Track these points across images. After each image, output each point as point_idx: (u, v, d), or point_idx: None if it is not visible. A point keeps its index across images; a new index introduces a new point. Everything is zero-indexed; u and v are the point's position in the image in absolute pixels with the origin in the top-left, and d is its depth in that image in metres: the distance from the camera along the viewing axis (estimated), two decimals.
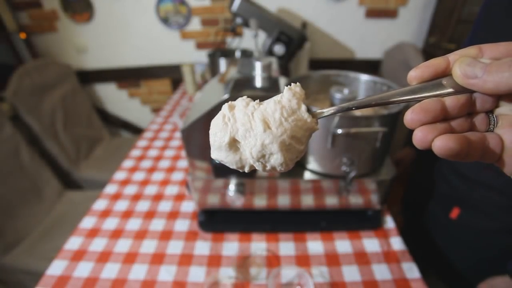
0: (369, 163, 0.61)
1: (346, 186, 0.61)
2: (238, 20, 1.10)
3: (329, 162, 0.60)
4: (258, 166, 0.24)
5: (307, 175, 0.63)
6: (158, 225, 0.72)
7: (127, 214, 0.76)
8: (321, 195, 0.65)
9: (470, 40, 0.69)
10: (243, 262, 0.62)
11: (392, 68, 1.54)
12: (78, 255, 0.65)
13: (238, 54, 1.30)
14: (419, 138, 0.20)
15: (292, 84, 0.24)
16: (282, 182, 0.62)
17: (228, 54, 1.31)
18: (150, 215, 0.75)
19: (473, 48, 0.20)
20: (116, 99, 1.94)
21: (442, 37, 1.45)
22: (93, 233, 0.70)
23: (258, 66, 0.53)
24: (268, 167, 0.24)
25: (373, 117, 0.52)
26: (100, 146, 1.69)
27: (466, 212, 0.71)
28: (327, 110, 0.24)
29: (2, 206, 1.04)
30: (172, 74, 1.81)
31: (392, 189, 0.66)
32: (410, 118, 0.20)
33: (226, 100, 0.50)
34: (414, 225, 0.90)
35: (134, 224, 0.73)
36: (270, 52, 1.08)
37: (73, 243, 0.68)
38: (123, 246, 0.67)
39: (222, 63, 1.14)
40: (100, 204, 0.80)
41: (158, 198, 0.81)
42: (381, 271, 0.59)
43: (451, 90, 0.20)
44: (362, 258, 0.62)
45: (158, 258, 0.63)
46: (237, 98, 0.25)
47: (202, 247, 0.66)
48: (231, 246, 0.66)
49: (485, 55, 0.19)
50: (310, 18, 1.60)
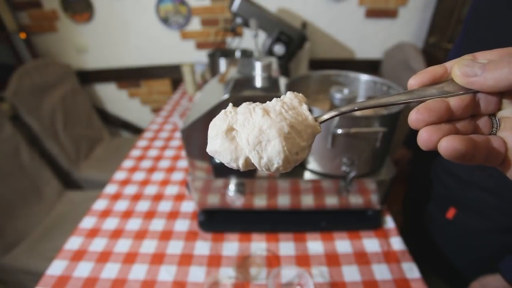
0: (369, 163, 0.61)
1: (346, 186, 0.61)
2: (238, 20, 1.10)
3: (329, 162, 0.60)
4: (254, 157, 0.22)
5: (307, 175, 0.63)
6: (158, 225, 0.72)
7: (127, 214, 0.76)
8: (321, 195, 0.65)
9: (461, 39, 0.69)
10: (243, 262, 0.62)
11: (392, 68, 1.54)
12: (78, 255, 0.65)
13: (238, 54, 1.30)
14: (424, 138, 0.19)
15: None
16: (282, 182, 0.62)
17: (228, 54, 1.31)
18: (150, 215, 0.75)
19: (467, 56, 0.20)
20: (116, 99, 1.94)
21: (442, 37, 1.45)
22: (93, 233, 0.70)
23: (258, 66, 0.53)
24: (264, 159, 0.22)
25: (373, 117, 0.52)
26: (100, 146, 1.69)
27: (462, 212, 0.71)
28: (328, 114, 0.24)
29: (2, 206, 1.04)
30: (172, 74, 1.81)
31: (392, 189, 0.66)
32: (415, 118, 0.19)
33: (226, 100, 0.50)
34: (414, 225, 0.90)
35: (134, 224, 0.73)
36: (270, 52, 1.08)
37: (73, 243, 0.68)
38: (123, 246, 0.67)
39: (222, 63, 1.14)
40: (100, 204, 0.80)
41: (158, 198, 0.81)
42: (381, 271, 0.59)
43: (453, 91, 0.20)
44: (362, 258, 0.62)
45: (158, 258, 0.63)
46: (237, 98, 0.25)
47: (202, 247, 0.66)
48: (231, 246, 0.66)
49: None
50: (310, 18, 1.60)
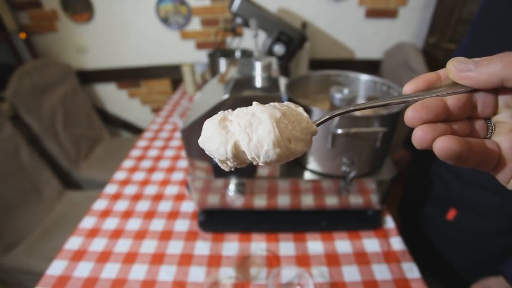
0: (369, 163, 0.61)
1: (346, 186, 0.61)
2: (238, 20, 1.10)
3: (329, 162, 0.60)
4: (244, 139, 0.22)
5: (307, 175, 0.63)
6: (158, 225, 0.72)
7: (127, 214, 0.76)
8: (321, 195, 0.65)
9: (468, 40, 0.69)
10: (243, 262, 0.62)
11: (392, 68, 1.54)
12: (78, 255, 0.65)
13: (238, 54, 1.30)
14: (419, 137, 0.19)
15: None
16: (282, 182, 0.62)
17: (228, 54, 1.30)
18: (150, 215, 0.75)
19: (459, 57, 0.20)
20: (116, 99, 1.94)
21: (442, 37, 1.45)
22: (93, 233, 0.70)
23: (258, 66, 0.53)
24: (254, 141, 0.21)
25: (373, 117, 0.52)
26: (100, 146, 1.69)
27: (463, 213, 0.71)
28: (324, 116, 0.24)
29: (2, 206, 1.04)
30: (172, 74, 1.81)
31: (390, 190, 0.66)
32: (411, 115, 0.19)
33: (226, 100, 0.50)
34: (411, 226, 0.90)
35: (134, 224, 0.73)
36: (270, 52, 1.08)
37: (73, 243, 0.68)
38: (123, 246, 0.67)
39: (222, 63, 1.14)
40: (100, 204, 0.80)
41: (158, 198, 0.81)
42: (381, 271, 0.59)
43: (449, 90, 0.20)
44: (362, 258, 0.62)
45: (158, 258, 0.63)
46: (237, 98, 0.25)
47: (202, 247, 0.66)
48: (231, 246, 0.66)
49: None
50: (310, 18, 1.60)
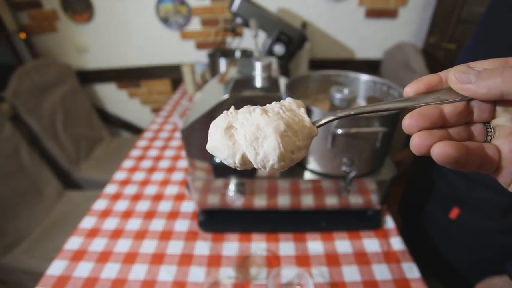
0: (369, 163, 0.61)
1: (346, 186, 0.61)
2: (238, 20, 1.10)
3: (329, 162, 0.60)
4: (251, 153, 0.23)
5: (307, 175, 0.63)
6: (158, 225, 0.72)
7: (127, 214, 0.76)
8: (321, 195, 0.65)
9: (474, 40, 0.68)
10: (243, 262, 0.62)
11: (392, 68, 1.54)
12: (78, 255, 0.65)
13: (238, 54, 1.30)
14: (417, 143, 0.20)
15: None
16: (282, 182, 0.62)
17: (228, 54, 1.30)
18: (150, 215, 0.75)
19: (463, 65, 0.20)
20: (116, 99, 1.94)
21: (442, 37, 1.45)
22: (93, 233, 0.70)
23: (258, 66, 0.53)
24: (260, 155, 0.23)
25: (373, 117, 0.52)
26: (100, 146, 1.69)
27: (466, 212, 0.71)
28: (325, 118, 0.24)
29: (2, 206, 1.04)
30: (172, 74, 1.81)
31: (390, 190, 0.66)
32: (408, 123, 0.20)
33: (226, 100, 0.50)
34: (412, 226, 0.90)
35: (134, 224, 0.73)
36: (270, 52, 1.08)
37: (73, 243, 0.68)
38: (123, 246, 0.67)
39: (222, 63, 1.14)
40: (100, 204, 0.80)
41: (158, 198, 0.81)
42: (381, 271, 0.59)
43: (448, 99, 0.20)
44: (362, 258, 0.62)
45: (158, 258, 0.63)
46: (237, 98, 0.25)
47: (202, 247, 0.66)
48: (231, 246, 0.66)
49: None
50: (310, 18, 1.60)
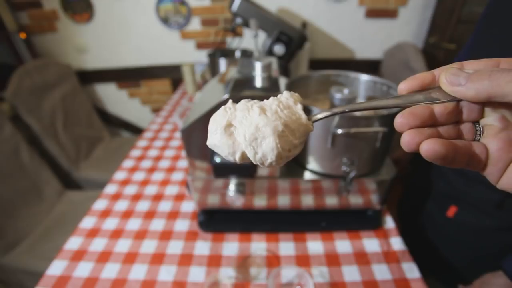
0: (369, 163, 0.61)
1: (346, 186, 0.61)
2: (238, 20, 1.10)
3: (329, 162, 0.60)
4: (250, 152, 0.24)
5: (307, 175, 0.63)
6: (158, 225, 0.72)
7: (127, 214, 0.76)
8: (321, 195, 0.65)
9: (472, 41, 0.69)
10: (243, 262, 0.62)
11: (392, 68, 1.54)
12: (78, 255, 0.65)
13: (238, 54, 1.30)
14: (407, 141, 0.21)
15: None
16: (282, 182, 0.62)
17: (228, 54, 1.30)
18: (150, 215, 0.75)
19: (455, 64, 0.21)
20: (116, 99, 1.94)
21: (442, 37, 1.45)
22: (93, 233, 0.70)
23: (258, 66, 0.53)
24: (259, 154, 0.24)
25: (373, 117, 0.52)
26: (100, 146, 1.69)
27: (463, 210, 0.71)
28: (321, 114, 0.25)
29: (2, 206, 1.04)
30: (172, 74, 1.81)
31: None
32: (399, 121, 0.21)
33: (226, 100, 0.49)
34: (410, 225, 0.90)
35: (134, 224, 0.73)
36: (270, 52, 1.08)
37: (73, 243, 0.68)
38: (123, 246, 0.67)
39: (222, 63, 1.14)
40: (100, 204, 0.80)
41: (158, 198, 0.81)
42: (381, 271, 0.59)
43: (439, 98, 0.21)
44: (362, 258, 0.62)
45: (158, 258, 0.63)
46: (237, 98, 0.25)
47: (202, 247, 0.66)
48: (231, 246, 0.66)
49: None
50: (310, 18, 1.60)
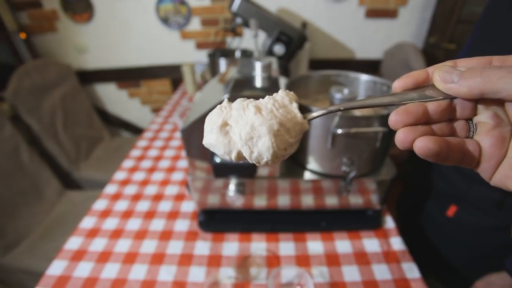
0: (369, 163, 0.61)
1: (346, 186, 0.61)
2: (238, 20, 1.10)
3: (329, 162, 0.60)
4: (246, 151, 0.24)
5: (307, 175, 0.63)
6: (158, 225, 0.72)
7: (127, 214, 0.76)
8: (321, 195, 0.65)
9: (472, 41, 0.69)
10: (243, 262, 0.62)
11: (392, 68, 1.54)
12: (78, 255, 0.65)
13: (238, 54, 1.30)
14: (401, 138, 0.21)
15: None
16: (282, 182, 0.62)
17: (228, 54, 1.30)
18: (150, 215, 0.75)
19: (449, 62, 0.22)
20: (116, 99, 1.94)
21: (442, 37, 1.45)
22: (93, 233, 0.70)
23: (258, 66, 0.53)
24: (255, 153, 0.24)
25: (373, 117, 0.52)
26: (100, 146, 1.69)
27: (463, 209, 0.71)
28: (316, 112, 0.25)
29: (2, 206, 1.04)
30: (172, 74, 1.81)
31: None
32: (393, 119, 0.21)
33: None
34: (409, 225, 0.90)
35: (134, 224, 0.73)
36: (270, 52, 1.08)
37: (73, 243, 0.68)
38: (123, 246, 0.67)
39: (222, 63, 1.14)
40: (100, 204, 0.80)
41: (158, 198, 0.81)
42: (381, 271, 0.59)
43: (433, 96, 0.22)
44: (362, 258, 0.62)
45: (158, 258, 0.63)
46: (237, 98, 0.25)
47: (202, 247, 0.66)
48: (231, 246, 0.66)
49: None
50: (310, 18, 1.60)
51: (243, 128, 0.24)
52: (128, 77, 1.84)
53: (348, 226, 0.69)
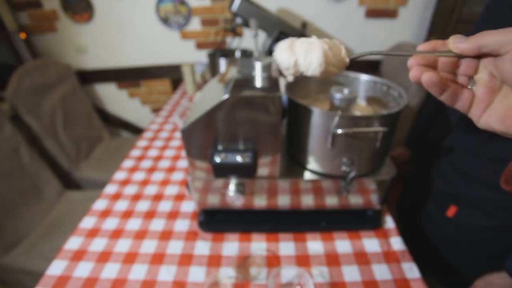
0: (369, 163, 0.61)
1: (346, 186, 0.60)
2: (238, 20, 1.10)
3: (329, 162, 0.60)
4: (301, 58, 0.40)
5: (307, 175, 0.63)
6: (158, 225, 0.72)
7: (127, 214, 0.76)
8: (321, 195, 0.65)
9: None
10: (243, 262, 0.62)
11: (392, 68, 1.54)
12: (78, 255, 0.65)
13: (238, 54, 1.30)
14: (413, 73, 0.29)
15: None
16: (282, 182, 0.62)
17: (228, 54, 1.30)
18: (150, 215, 0.75)
19: (458, 35, 0.30)
20: (116, 99, 1.94)
21: (442, 37, 1.44)
22: (93, 233, 0.70)
23: (258, 66, 0.53)
24: (307, 60, 0.39)
25: (373, 117, 0.52)
26: (100, 146, 1.69)
27: (463, 210, 0.71)
28: (357, 55, 0.38)
29: (2, 206, 1.04)
30: (172, 74, 1.81)
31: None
32: (411, 62, 0.30)
33: (226, 100, 0.50)
34: (409, 225, 0.90)
35: (134, 224, 0.73)
36: (270, 52, 1.08)
37: (73, 243, 0.68)
38: (123, 246, 0.67)
39: (222, 63, 1.14)
40: (100, 204, 0.80)
41: (158, 198, 0.81)
42: (381, 271, 0.59)
43: (445, 53, 0.30)
44: (362, 258, 0.62)
45: (158, 258, 0.63)
46: (237, 98, 0.26)
47: (202, 247, 0.66)
48: (231, 246, 0.66)
49: None
50: (310, 18, 1.60)
51: (304, 45, 0.39)
52: (128, 77, 1.84)
53: (348, 226, 0.69)
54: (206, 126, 0.54)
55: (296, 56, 0.39)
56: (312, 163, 0.62)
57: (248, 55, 1.30)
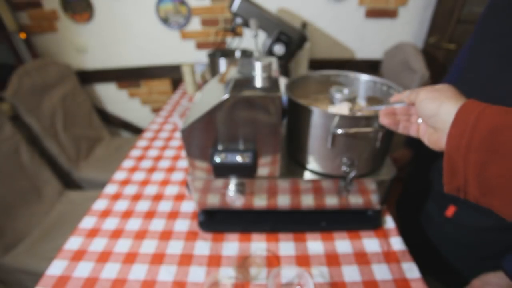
0: (369, 163, 0.61)
1: (346, 186, 0.60)
2: (238, 20, 1.10)
3: (329, 162, 0.60)
4: None
5: (307, 175, 0.63)
6: (158, 225, 0.72)
7: (127, 214, 0.76)
8: (321, 195, 0.65)
9: (472, 41, 0.69)
10: (243, 262, 0.62)
11: (392, 68, 1.54)
12: (78, 255, 0.65)
13: (238, 54, 1.30)
14: (380, 119, 0.47)
15: None
16: (282, 182, 0.62)
17: (228, 54, 1.30)
18: (150, 215, 0.75)
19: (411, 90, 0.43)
20: (116, 99, 1.94)
21: (442, 37, 1.45)
22: (93, 233, 0.70)
23: (258, 66, 0.53)
24: None
25: (373, 117, 0.52)
26: (100, 146, 1.69)
27: (462, 210, 0.71)
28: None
29: (2, 206, 1.04)
30: (172, 74, 1.81)
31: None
32: (381, 113, 0.47)
33: (226, 100, 0.50)
34: (409, 225, 0.90)
35: (134, 224, 0.73)
36: (270, 52, 1.08)
37: (73, 243, 0.68)
38: (123, 246, 0.67)
39: (222, 63, 1.14)
40: (100, 204, 0.80)
41: (158, 198, 0.81)
42: (381, 271, 0.59)
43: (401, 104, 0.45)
44: (362, 258, 0.62)
45: (158, 258, 0.63)
46: (237, 98, 0.25)
47: (202, 247, 0.66)
48: (231, 246, 0.66)
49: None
50: (310, 18, 1.60)
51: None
52: (128, 77, 1.84)
53: (348, 226, 0.69)
54: (206, 126, 0.54)
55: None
56: (312, 163, 0.62)
57: (248, 55, 1.30)
